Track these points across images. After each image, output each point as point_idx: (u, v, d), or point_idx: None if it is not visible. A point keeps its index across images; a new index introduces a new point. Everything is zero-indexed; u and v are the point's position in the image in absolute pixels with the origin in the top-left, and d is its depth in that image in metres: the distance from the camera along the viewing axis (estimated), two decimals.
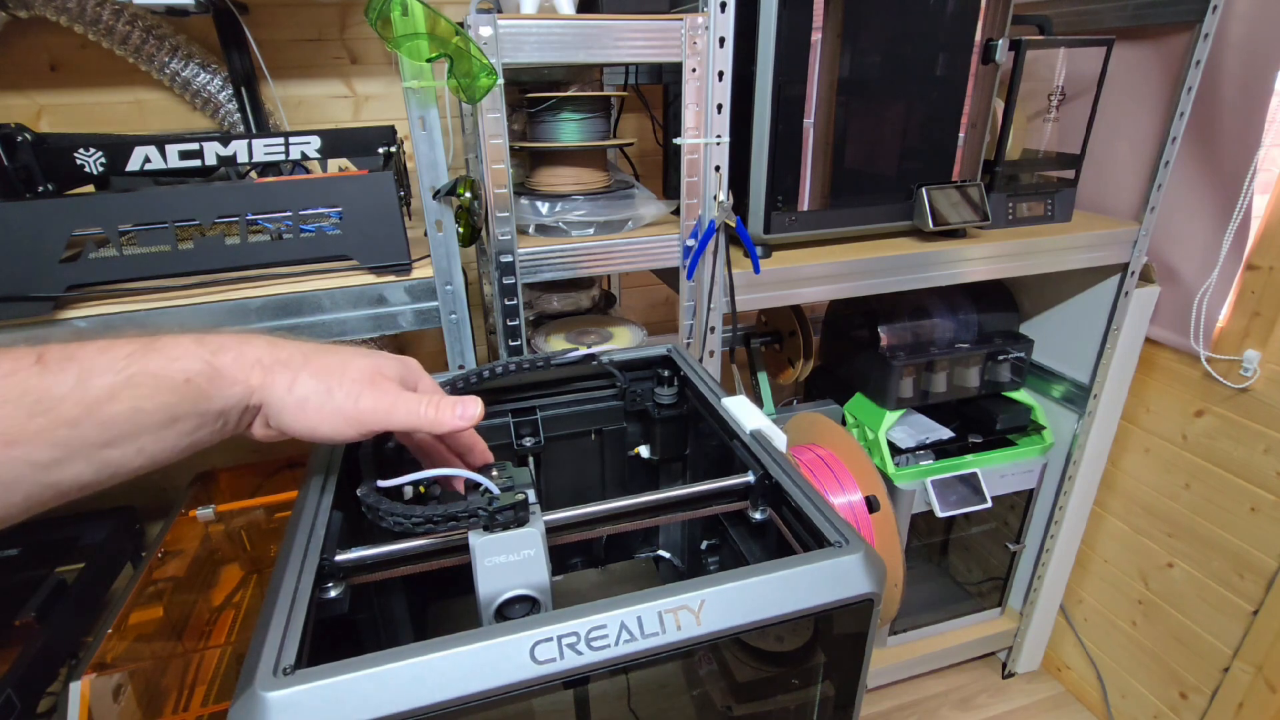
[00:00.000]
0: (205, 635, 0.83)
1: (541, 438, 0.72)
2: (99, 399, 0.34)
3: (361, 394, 0.41)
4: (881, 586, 0.43)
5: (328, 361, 0.42)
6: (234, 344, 0.39)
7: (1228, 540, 1.20)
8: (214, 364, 0.38)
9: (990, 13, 0.97)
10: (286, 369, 0.40)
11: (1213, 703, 1.26)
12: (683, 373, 0.71)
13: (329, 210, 0.80)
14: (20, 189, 0.81)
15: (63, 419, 0.33)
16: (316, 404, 0.41)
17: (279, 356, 0.40)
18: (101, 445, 0.35)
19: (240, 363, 0.39)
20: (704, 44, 0.81)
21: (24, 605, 0.79)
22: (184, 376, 0.37)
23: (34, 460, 0.33)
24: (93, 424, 0.34)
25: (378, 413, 0.42)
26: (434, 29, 0.65)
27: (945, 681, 1.59)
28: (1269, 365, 1.11)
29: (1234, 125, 1.07)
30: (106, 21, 1.03)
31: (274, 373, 0.40)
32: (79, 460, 0.34)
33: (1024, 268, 1.11)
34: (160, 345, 0.37)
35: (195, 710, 0.74)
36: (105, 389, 0.35)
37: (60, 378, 0.34)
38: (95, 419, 0.34)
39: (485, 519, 0.43)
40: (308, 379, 0.41)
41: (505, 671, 0.36)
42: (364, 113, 1.26)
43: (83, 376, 0.34)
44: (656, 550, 0.84)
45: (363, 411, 0.41)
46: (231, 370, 0.39)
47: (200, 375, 0.37)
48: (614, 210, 0.92)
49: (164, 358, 0.37)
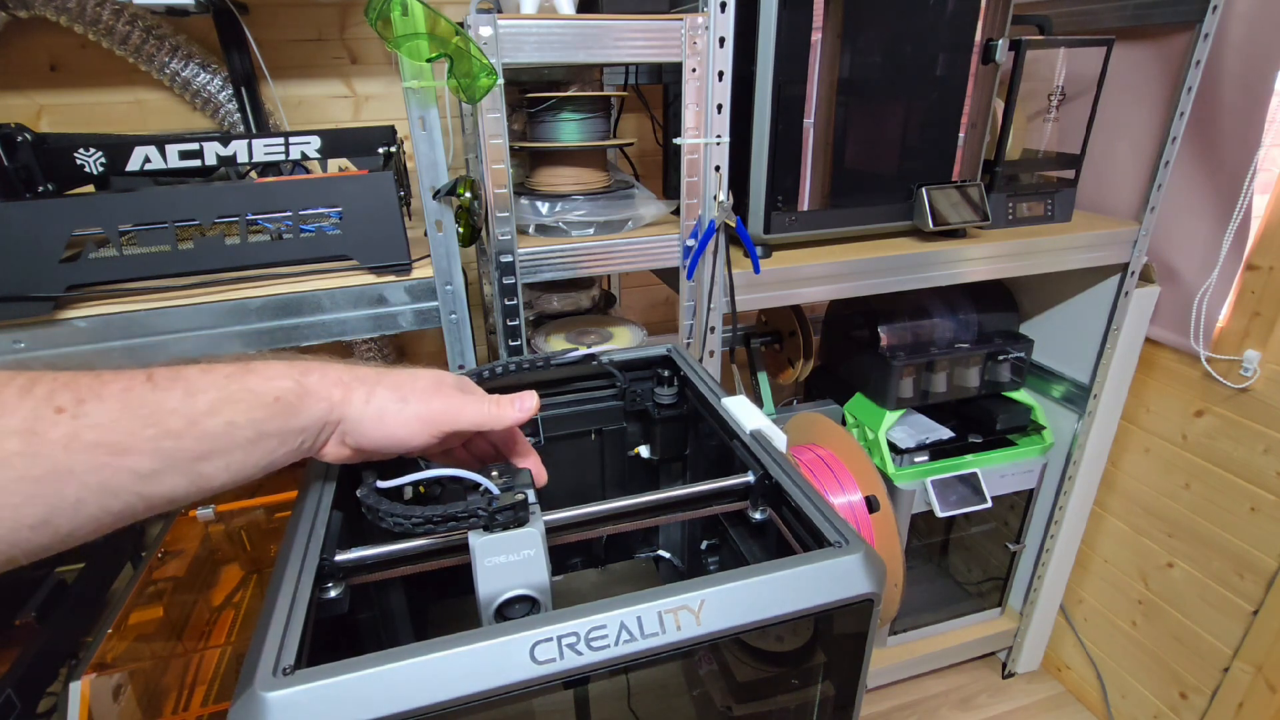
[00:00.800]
0: (205, 635, 0.83)
1: (541, 438, 0.72)
2: (202, 412, 0.37)
3: (432, 399, 0.45)
4: (881, 586, 0.43)
5: (398, 377, 0.46)
6: (318, 366, 0.43)
7: (1228, 540, 1.20)
8: (302, 383, 0.41)
9: (990, 13, 0.97)
10: (363, 384, 0.44)
11: (1213, 703, 1.26)
12: (683, 373, 0.71)
13: (329, 210, 0.80)
14: (20, 189, 0.81)
15: (169, 430, 0.36)
16: (394, 412, 0.44)
17: (357, 374, 0.44)
18: (197, 458, 0.37)
19: (324, 381, 0.42)
20: (704, 44, 0.81)
21: (24, 605, 0.79)
22: (274, 395, 0.40)
23: (139, 470, 0.35)
24: (193, 436, 0.37)
25: (449, 413, 0.46)
26: (434, 29, 0.65)
27: (945, 681, 1.59)
28: (1269, 365, 1.11)
29: (1234, 125, 1.07)
30: (106, 21, 1.03)
31: (352, 388, 0.43)
32: (177, 472, 0.37)
33: (1024, 268, 1.11)
34: (256, 367, 0.40)
35: (195, 710, 0.74)
36: (208, 404, 0.37)
37: (170, 393, 0.37)
38: (195, 432, 0.37)
39: (485, 519, 0.43)
40: (383, 391, 0.44)
41: (505, 671, 0.36)
42: (364, 113, 1.26)
43: (189, 391, 0.37)
44: (656, 550, 0.84)
45: (435, 413, 0.45)
46: (317, 388, 0.42)
47: (289, 393, 0.40)
48: (614, 210, 0.92)
49: (260, 377, 0.40)
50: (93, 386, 0.35)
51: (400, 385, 0.45)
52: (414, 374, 0.47)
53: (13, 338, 0.71)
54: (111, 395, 0.35)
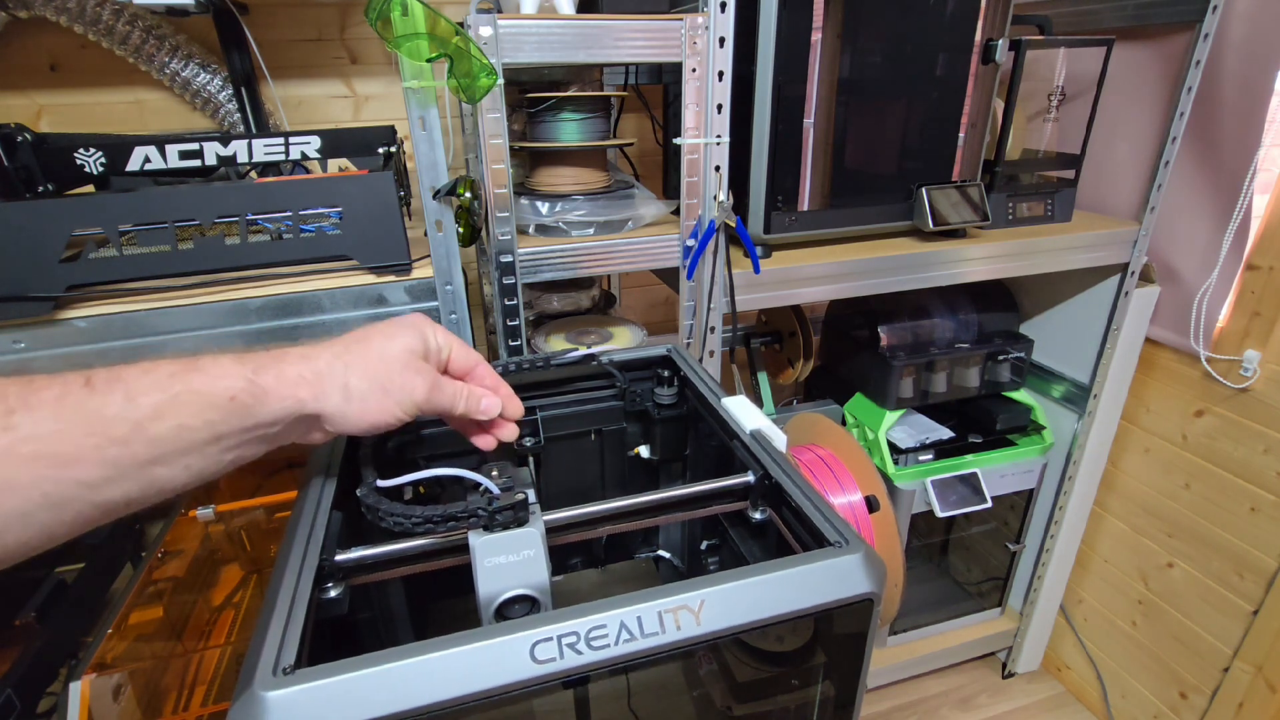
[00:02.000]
0: (205, 635, 0.83)
1: (541, 438, 0.72)
2: (147, 416, 0.35)
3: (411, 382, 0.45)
4: (881, 586, 0.43)
5: (369, 359, 0.44)
6: (271, 362, 0.41)
7: (1228, 540, 1.20)
8: (257, 382, 0.40)
9: (990, 13, 0.97)
10: (331, 379, 0.42)
11: (1213, 703, 1.26)
12: (683, 373, 0.71)
13: (329, 210, 0.80)
14: (20, 189, 0.81)
15: (113, 438, 0.34)
16: (376, 401, 0.43)
17: (318, 369, 0.42)
18: (149, 463, 0.36)
19: (282, 380, 0.41)
20: (704, 44, 0.80)
21: (24, 605, 0.79)
22: (228, 394, 0.38)
23: (85, 480, 0.34)
24: (141, 442, 0.35)
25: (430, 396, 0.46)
26: (434, 29, 0.65)
27: (945, 681, 1.59)
28: (1269, 365, 1.11)
29: (1234, 125, 1.07)
30: (106, 21, 1.03)
31: (321, 385, 0.42)
32: (128, 479, 0.36)
33: (1024, 268, 1.11)
34: (202, 365, 0.38)
35: (195, 710, 0.74)
36: (152, 407, 0.36)
37: (109, 398, 0.35)
38: (144, 437, 0.35)
39: (485, 519, 0.44)
40: (360, 380, 0.43)
41: (505, 671, 0.36)
42: (364, 113, 1.26)
43: (130, 395, 0.35)
44: (656, 550, 0.84)
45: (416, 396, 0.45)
46: (276, 388, 0.40)
47: (244, 393, 0.39)
48: (614, 210, 0.92)
49: (207, 376, 0.38)
50: (22, 395, 0.33)
51: (373, 371, 0.44)
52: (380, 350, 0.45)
53: (13, 338, 0.71)
54: (44, 404, 0.33)
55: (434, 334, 0.48)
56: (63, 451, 0.33)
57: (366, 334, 0.46)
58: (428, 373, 0.46)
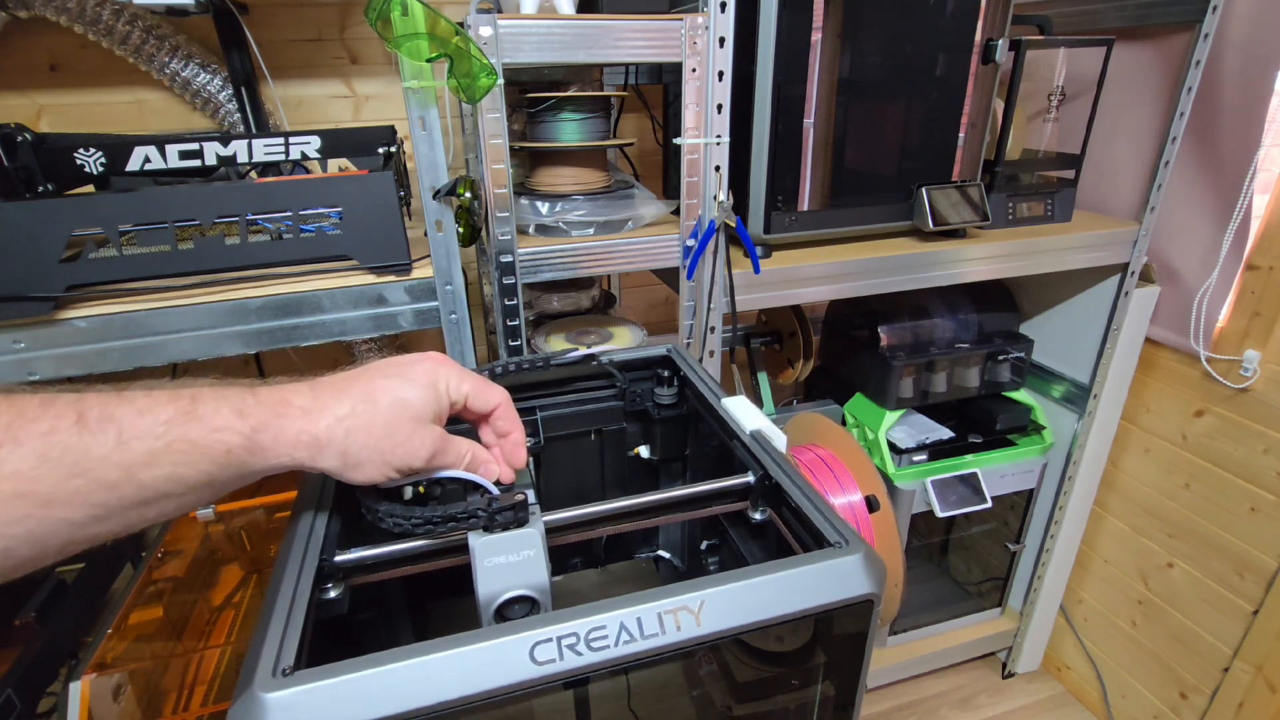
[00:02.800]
0: (205, 635, 0.83)
1: (541, 438, 0.72)
2: (138, 463, 0.35)
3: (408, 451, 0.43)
4: (881, 586, 0.43)
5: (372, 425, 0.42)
6: (272, 418, 0.39)
7: (1228, 540, 1.20)
8: (254, 440, 0.39)
9: (990, 13, 0.97)
10: (331, 447, 0.41)
11: (1213, 703, 1.26)
12: (683, 373, 0.71)
13: (329, 210, 0.80)
14: (20, 189, 0.81)
15: (102, 482, 0.34)
16: (375, 468, 0.42)
17: (317, 432, 0.40)
18: (138, 505, 0.35)
19: (280, 441, 0.39)
20: (704, 44, 0.80)
21: (24, 605, 0.79)
22: (225, 448, 0.37)
23: (70, 519, 0.33)
24: (131, 487, 0.35)
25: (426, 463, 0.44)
26: (434, 29, 0.65)
27: (945, 681, 1.59)
28: (1269, 365, 1.11)
29: (1234, 125, 1.07)
30: (106, 21, 1.02)
31: (320, 452, 0.41)
32: (115, 518, 0.35)
33: (1024, 268, 1.11)
34: (200, 413, 0.37)
35: (195, 710, 0.74)
36: (145, 454, 0.35)
37: (99, 438, 0.34)
38: (134, 482, 0.35)
39: (485, 520, 0.44)
40: (361, 449, 0.41)
41: (505, 672, 0.36)
42: (364, 113, 1.26)
43: (122, 438, 0.34)
44: (656, 550, 0.84)
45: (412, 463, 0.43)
46: (272, 447, 0.39)
47: (240, 449, 0.38)
48: (614, 210, 0.92)
49: (205, 428, 0.37)
50: (9, 426, 0.32)
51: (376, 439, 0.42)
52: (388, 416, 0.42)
53: (13, 338, 0.71)
54: (31, 438, 0.32)
55: (449, 383, 0.46)
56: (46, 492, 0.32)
57: (374, 391, 0.43)
58: (433, 437, 0.44)
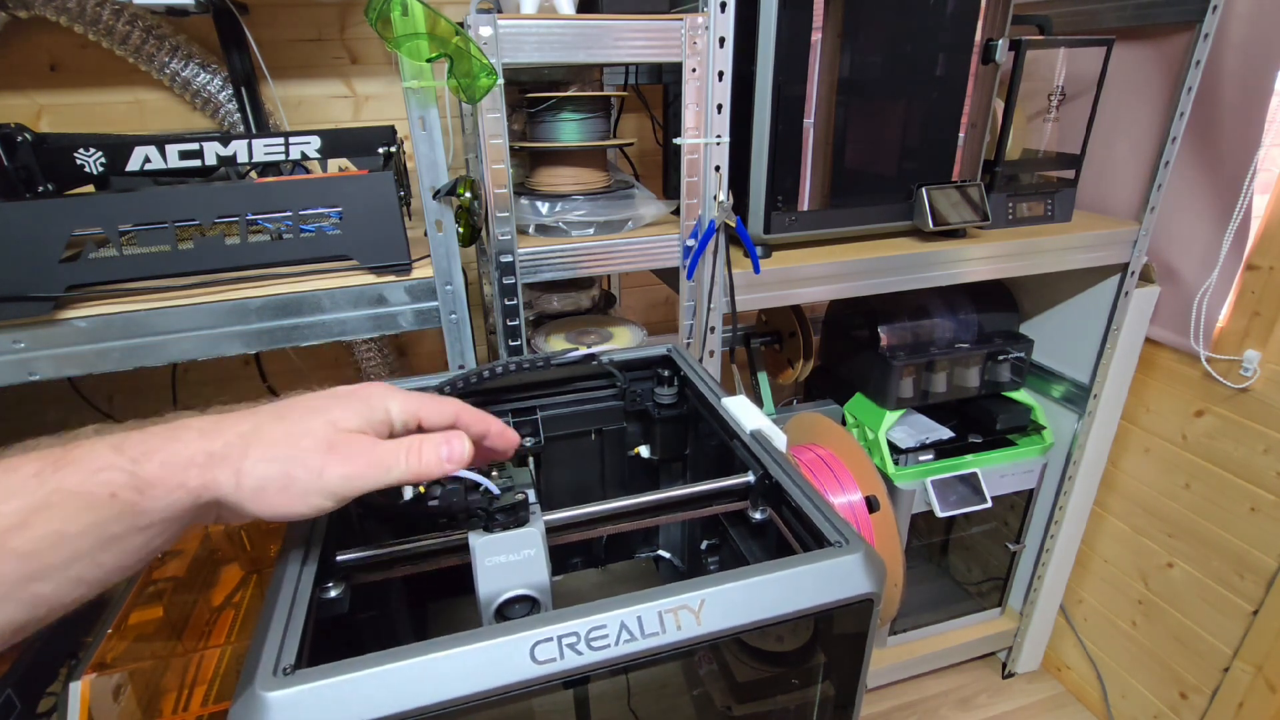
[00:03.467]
0: (205, 635, 0.83)
1: (541, 438, 0.72)
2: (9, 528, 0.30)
3: (325, 466, 0.36)
4: (881, 586, 0.43)
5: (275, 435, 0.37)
6: (160, 443, 0.34)
7: (1228, 540, 1.20)
8: (139, 474, 0.33)
9: (990, 13, 0.97)
10: (225, 462, 0.35)
11: (1213, 703, 1.26)
12: (683, 373, 0.71)
13: (329, 210, 0.80)
14: (20, 189, 0.81)
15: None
16: (277, 488, 0.36)
17: (213, 449, 0.35)
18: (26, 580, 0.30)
19: (170, 466, 0.34)
20: (704, 44, 0.80)
21: None
22: (108, 491, 0.32)
23: None
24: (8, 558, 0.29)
25: (350, 480, 0.37)
26: (434, 29, 0.65)
27: (945, 681, 1.59)
28: (1269, 365, 1.11)
29: (1234, 125, 1.07)
30: (106, 21, 1.02)
31: (212, 470, 0.35)
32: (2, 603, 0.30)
33: (1024, 268, 1.11)
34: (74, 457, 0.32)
35: (195, 710, 0.74)
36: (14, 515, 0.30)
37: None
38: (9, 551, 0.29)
39: (485, 519, 0.44)
40: (257, 463, 0.36)
41: (505, 671, 0.36)
42: (364, 113, 1.26)
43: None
44: (656, 550, 0.84)
45: (330, 484, 0.37)
46: (161, 477, 0.34)
47: (125, 488, 0.32)
48: (614, 210, 0.92)
49: (82, 471, 0.32)
50: None
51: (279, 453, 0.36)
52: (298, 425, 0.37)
53: (13, 338, 0.71)
54: None
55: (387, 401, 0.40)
56: None
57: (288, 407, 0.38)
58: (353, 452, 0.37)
